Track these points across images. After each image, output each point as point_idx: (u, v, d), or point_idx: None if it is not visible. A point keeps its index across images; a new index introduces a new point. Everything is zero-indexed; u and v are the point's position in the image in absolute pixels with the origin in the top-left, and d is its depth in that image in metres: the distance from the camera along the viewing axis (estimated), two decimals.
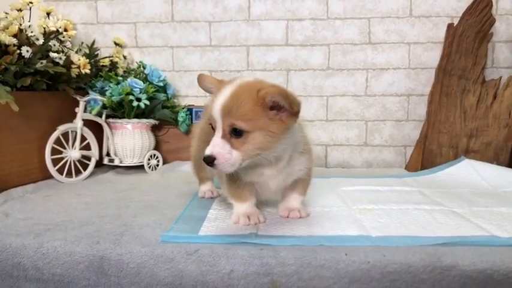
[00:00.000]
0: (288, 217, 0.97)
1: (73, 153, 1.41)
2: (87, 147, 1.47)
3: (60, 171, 1.38)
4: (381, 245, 0.79)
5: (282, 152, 0.88)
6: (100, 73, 1.61)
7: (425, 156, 1.58)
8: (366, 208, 1.05)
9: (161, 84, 1.63)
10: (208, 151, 0.81)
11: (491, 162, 1.48)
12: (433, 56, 1.65)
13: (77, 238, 0.83)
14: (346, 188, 1.27)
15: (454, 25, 1.59)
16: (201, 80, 0.93)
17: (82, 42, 1.67)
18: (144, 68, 1.64)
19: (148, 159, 1.57)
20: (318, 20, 1.69)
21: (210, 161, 0.81)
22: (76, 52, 1.55)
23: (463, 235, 0.85)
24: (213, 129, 0.85)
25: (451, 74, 1.56)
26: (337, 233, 0.86)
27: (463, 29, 1.56)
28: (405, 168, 1.64)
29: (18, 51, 1.28)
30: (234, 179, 0.92)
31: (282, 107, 0.82)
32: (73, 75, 1.46)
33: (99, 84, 1.57)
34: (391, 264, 0.73)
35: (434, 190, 1.25)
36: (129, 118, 1.53)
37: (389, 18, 1.67)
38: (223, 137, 0.82)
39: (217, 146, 0.81)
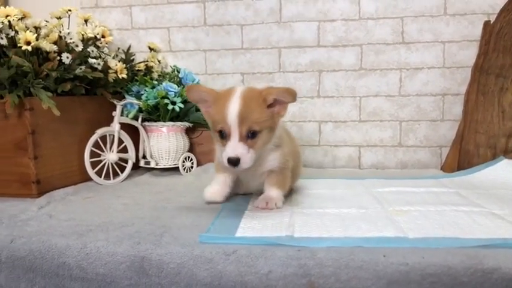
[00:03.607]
0: (267, 207, 1.04)
1: (111, 156, 1.45)
2: (124, 150, 1.51)
3: (98, 173, 1.42)
4: (419, 247, 0.78)
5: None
6: (135, 77, 1.65)
7: (462, 157, 1.55)
8: (402, 209, 1.04)
9: None
10: (232, 154, 0.94)
11: None
12: (469, 55, 1.62)
13: (119, 239, 0.86)
14: (381, 189, 1.26)
15: (491, 22, 1.56)
16: (192, 90, 1.04)
17: (118, 48, 1.71)
18: (178, 71, 1.66)
19: (183, 161, 1.60)
20: (350, 21, 1.68)
21: (235, 162, 0.94)
22: (113, 57, 1.60)
23: (504, 237, 0.83)
24: (221, 134, 0.98)
25: (488, 73, 1.53)
26: (374, 235, 0.85)
27: (500, 26, 1.52)
28: (441, 169, 1.62)
29: (58, 57, 1.32)
30: None
31: (277, 103, 0.98)
32: (110, 80, 1.50)
33: (135, 89, 1.60)
34: (430, 266, 0.73)
35: (472, 191, 1.22)
36: (164, 121, 1.56)
37: (423, 17, 1.64)
38: (241, 139, 0.95)
39: (239, 148, 0.95)
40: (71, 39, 1.38)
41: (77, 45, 1.38)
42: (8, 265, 0.85)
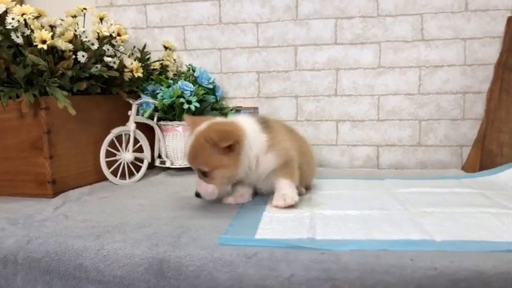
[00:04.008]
0: (285, 204, 1.03)
1: (126, 156, 1.44)
2: (140, 149, 1.50)
3: (114, 173, 1.40)
4: (447, 250, 0.75)
5: (248, 165, 1.03)
6: (151, 76, 1.63)
7: (484, 157, 1.50)
8: (427, 211, 1.00)
9: (210, 86, 1.63)
10: (196, 189, 1.04)
11: None
12: (491, 52, 1.58)
13: (136, 240, 0.84)
14: (403, 190, 1.22)
15: None
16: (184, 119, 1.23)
17: (134, 47, 1.70)
18: (194, 70, 1.65)
19: None
20: (368, 18, 1.65)
21: (199, 196, 1.04)
22: (128, 56, 1.58)
23: None
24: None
25: (511, 70, 1.49)
26: (400, 237, 0.82)
27: None
28: (462, 169, 1.58)
29: (74, 56, 1.31)
30: None
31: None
32: (126, 79, 1.48)
33: (150, 88, 1.59)
34: (460, 271, 0.69)
35: (497, 192, 1.18)
36: (179, 120, 1.54)
37: (444, 13, 1.60)
38: (200, 177, 1.03)
39: (200, 186, 1.04)
40: (86, 37, 1.36)
41: (92, 44, 1.37)
42: (25, 267, 0.83)
